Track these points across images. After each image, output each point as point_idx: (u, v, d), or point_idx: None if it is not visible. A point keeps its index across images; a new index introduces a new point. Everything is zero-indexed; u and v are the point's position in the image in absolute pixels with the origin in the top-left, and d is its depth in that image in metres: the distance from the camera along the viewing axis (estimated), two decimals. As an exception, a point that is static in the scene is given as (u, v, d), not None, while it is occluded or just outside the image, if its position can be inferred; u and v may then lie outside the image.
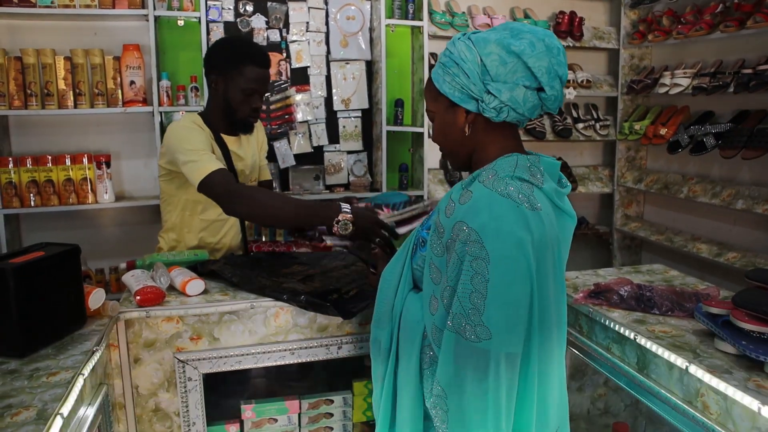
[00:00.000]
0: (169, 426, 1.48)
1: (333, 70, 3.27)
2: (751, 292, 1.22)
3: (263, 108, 3.06)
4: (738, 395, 1.06)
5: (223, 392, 1.66)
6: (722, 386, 1.09)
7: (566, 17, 3.57)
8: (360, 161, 3.38)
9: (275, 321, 1.50)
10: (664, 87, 3.28)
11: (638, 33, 3.53)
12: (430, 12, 3.27)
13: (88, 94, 2.85)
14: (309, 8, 3.17)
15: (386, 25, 3.21)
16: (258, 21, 3.10)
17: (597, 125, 3.71)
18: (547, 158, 1.11)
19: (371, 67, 3.33)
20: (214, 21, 3.00)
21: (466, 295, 0.97)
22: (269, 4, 3.11)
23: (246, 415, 1.57)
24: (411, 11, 3.25)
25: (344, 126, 3.34)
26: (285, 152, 3.22)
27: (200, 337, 1.46)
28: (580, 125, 3.68)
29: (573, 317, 1.57)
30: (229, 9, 3.04)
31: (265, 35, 3.13)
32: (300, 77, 3.22)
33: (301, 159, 3.27)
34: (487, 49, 1.03)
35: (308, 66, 3.22)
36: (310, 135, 3.28)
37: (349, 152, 3.36)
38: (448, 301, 1.01)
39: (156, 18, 2.86)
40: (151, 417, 1.46)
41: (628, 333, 1.36)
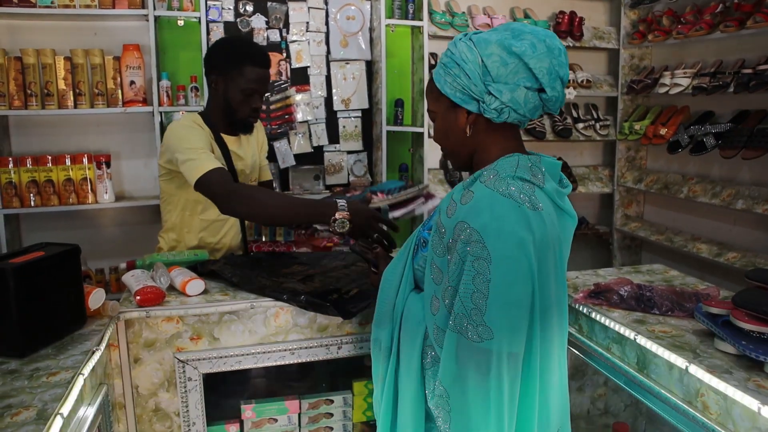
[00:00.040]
0: (169, 426, 1.48)
1: (333, 70, 3.27)
2: (751, 292, 1.22)
3: (263, 108, 3.06)
4: (738, 395, 1.06)
5: (223, 392, 1.65)
6: (722, 386, 1.09)
7: (566, 17, 3.57)
8: (360, 161, 3.38)
9: (275, 321, 1.50)
10: (664, 87, 3.28)
11: (638, 33, 3.52)
12: (430, 12, 3.27)
13: (88, 94, 2.85)
14: (309, 8, 3.17)
15: (386, 25, 3.21)
16: (258, 21, 3.10)
17: (597, 125, 3.71)
18: (548, 158, 1.12)
19: (371, 67, 3.33)
20: (214, 21, 3.00)
21: (468, 295, 0.97)
22: (269, 4, 3.11)
23: (246, 415, 1.57)
24: (411, 11, 3.25)
25: (344, 126, 3.34)
26: (285, 152, 3.22)
27: (200, 337, 1.46)
28: (580, 125, 3.68)
29: (573, 317, 1.57)
30: (229, 9, 3.04)
31: (265, 35, 3.13)
32: (300, 77, 3.22)
33: (301, 159, 3.27)
34: (488, 50, 1.03)
35: (308, 66, 3.22)
36: (310, 135, 3.28)
37: (349, 152, 3.36)
38: (450, 302, 1.01)
39: (156, 18, 2.86)
40: (151, 417, 1.46)
41: (628, 333, 1.36)
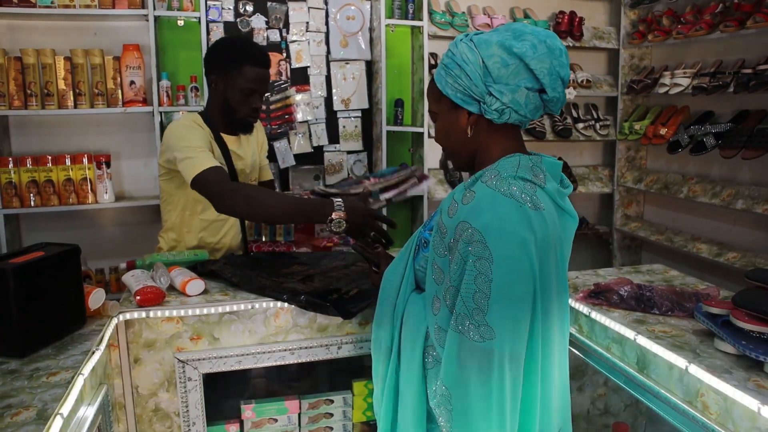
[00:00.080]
0: (169, 426, 1.48)
1: (333, 70, 3.27)
2: (751, 292, 1.22)
3: (263, 108, 3.06)
4: (738, 395, 1.06)
5: (223, 392, 1.66)
6: (722, 386, 1.09)
7: (566, 17, 3.57)
8: (360, 161, 3.38)
9: (275, 321, 1.50)
10: (664, 87, 3.28)
11: (638, 33, 3.52)
12: (430, 12, 3.27)
13: (88, 94, 2.85)
14: (309, 8, 3.17)
15: (386, 25, 3.21)
16: (258, 21, 3.10)
17: (597, 125, 3.70)
18: (549, 158, 1.11)
19: (371, 67, 3.33)
20: (214, 21, 3.00)
21: (470, 295, 0.97)
22: (269, 4, 3.11)
23: (246, 415, 1.57)
24: (411, 11, 3.25)
25: (344, 126, 3.34)
26: (285, 152, 3.22)
27: (200, 337, 1.46)
28: (580, 125, 3.68)
29: (573, 317, 1.57)
30: (229, 9, 3.04)
31: (265, 35, 3.13)
32: (300, 77, 3.22)
33: (301, 159, 3.27)
34: (489, 51, 1.03)
35: (308, 66, 3.22)
36: (310, 135, 3.28)
37: (349, 152, 3.36)
38: (451, 302, 1.01)
39: (156, 18, 2.87)
40: (151, 417, 1.46)
41: (628, 333, 1.36)
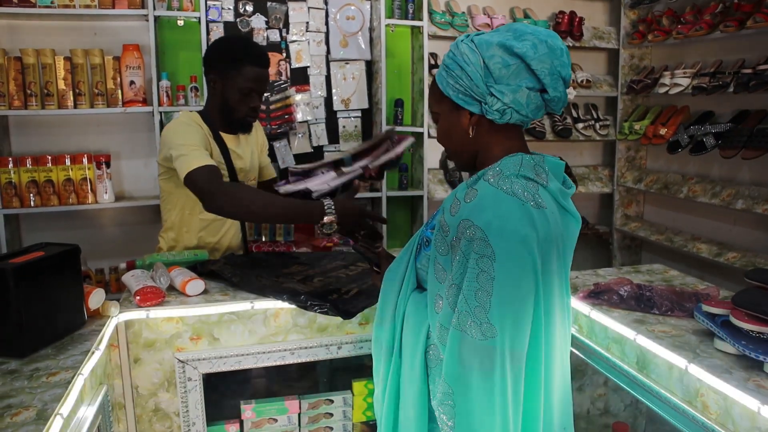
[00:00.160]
0: (169, 426, 1.48)
1: (333, 70, 3.27)
2: (751, 292, 1.22)
3: (263, 108, 3.06)
4: (738, 395, 1.06)
5: (223, 392, 1.65)
6: (722, 386, 1.09)
7: (566, 17, 3.57)
8: (360, 161, 3.38)
9: (275, 321, 1.50)
10: (664, 87, 3.28)
11: (638, 33, 3.52)
12: (430, 12, 3.27)
13: (88, 94, 2.85)
14: (309, 8, 3.17)
15: (386, 25, 3.21)
16: (258, 21, 3.10)
17: (597, 125, 3.70)
18: (552, 159, 1.11)
19: (371, 67, 3.33)
20: (214, 21, 3.00)
21: (472, 293, 0.97)
22: (269, 4, 3.11)
23: (246, 415, 1.57)
24: (411, 11, 3.25)
25: (344, 126, 3.34)
26: (285, 152, 3.22)
27: (200, 337, 1.46)
28: (580, 125, 3.68)
29: (573, 317, 1.57)
30: (229, 9, 3.04)
31: (265, 35, 3.13)
32: (300, 77, 3.22)
33: (301, 159, 3.26)
34: (490, 52, 1.03)
35: (308, 66, 3.22)
36: (310, 135, 3.28)
37: (349, 152, 3.36)
38: (453, 300, 1.01)
39: (156, 18, 2.86)
40: (151, 417, 1.46)
41: (628, 333, 1.36)
